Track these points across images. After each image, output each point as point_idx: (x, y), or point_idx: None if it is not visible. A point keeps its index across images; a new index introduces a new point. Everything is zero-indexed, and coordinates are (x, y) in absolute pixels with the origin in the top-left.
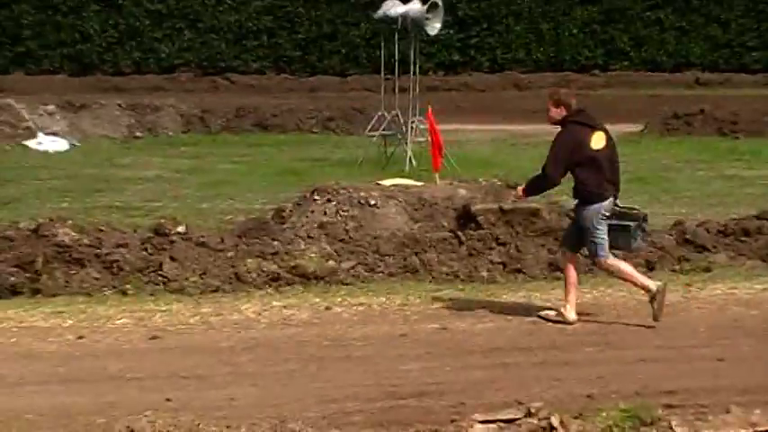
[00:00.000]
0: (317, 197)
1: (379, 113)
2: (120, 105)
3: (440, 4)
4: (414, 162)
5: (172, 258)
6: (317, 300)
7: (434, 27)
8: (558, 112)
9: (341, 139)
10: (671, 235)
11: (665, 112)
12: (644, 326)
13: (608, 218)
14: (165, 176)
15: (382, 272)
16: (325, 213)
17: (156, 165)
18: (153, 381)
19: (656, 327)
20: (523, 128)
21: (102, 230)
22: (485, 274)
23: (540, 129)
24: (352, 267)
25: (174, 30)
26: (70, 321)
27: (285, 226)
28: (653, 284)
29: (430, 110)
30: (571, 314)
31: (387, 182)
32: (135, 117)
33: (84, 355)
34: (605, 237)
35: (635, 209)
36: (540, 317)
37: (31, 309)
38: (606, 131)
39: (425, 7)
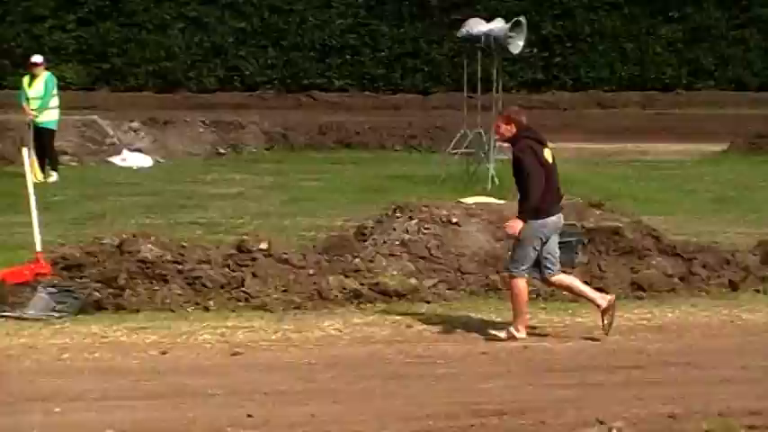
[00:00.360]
0: (399, 215)
1: (462, 131)
2: (203, 122)
3: (523, 22)
4: (496, 180)
5: (254, 275)
6: (399, 317)
7: (517, 45)
8: (509, 129)
9: (423, 157)
10: (755, 254)
11: (750, 131)
12: (726, 346)
13: (547, 236)
14: (247, 193)
15: (464, 290)
16: (407, 231)
17: (239, 181)
18: (234, 397)
19: (739, 346)
20: (606, 146)
21: (184, 247)
22: (566, 293)
23: (622, 147)
24: (434, 285)
25: (258, 47)
26: (153, 337)
27: (367, 243)
28: (603, 300)
29: None
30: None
31: (469, 200)
32: (218, 134)
33: (167, 371)
34: (531, 256)
35: (573, 224)
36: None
37: (115, 324)
38: (550, 148)
39: (509, 26)
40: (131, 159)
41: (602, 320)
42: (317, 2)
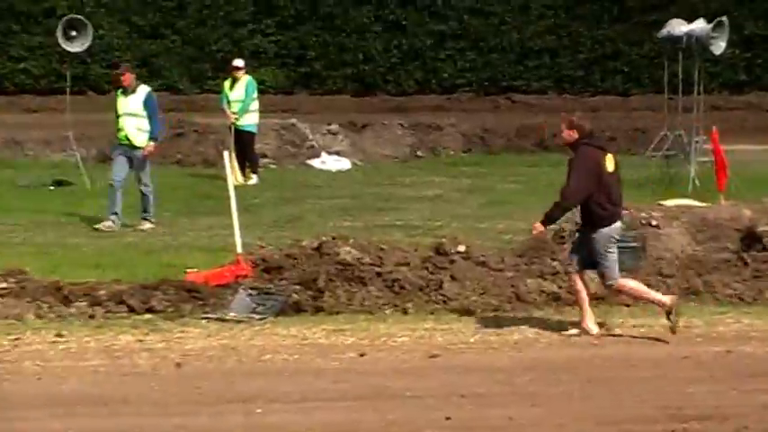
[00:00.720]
0: None
1: (662, 133)
2: (401, 125)
3: (725, 22)
4: (697, 182)
5: (452, 277)
6: (598, 320)
7: (720, 46)
8: (571, 134)
9: (622, 160)
10: None
11: None
12: None
13: (616, 241)
14: (445, 196)
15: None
16: None
17: (437, 184)
18: (433, 399)
19: None
20: None
21: (383, 249)
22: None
23: None
24: None
25: (456, 50)
26: (351, 339)
27: (565, 246)
28: (667, 299)
29: (715, 130)
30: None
31: (669, 202)
32: (417, 137)
33: (365, 373)
34: (616, 260)
35: (635, 230)
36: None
37: (314, 326)
38: (614, 155)
39: (711, 26)
40: (330, 162)
41: (668, 319)
42: (516, 4)
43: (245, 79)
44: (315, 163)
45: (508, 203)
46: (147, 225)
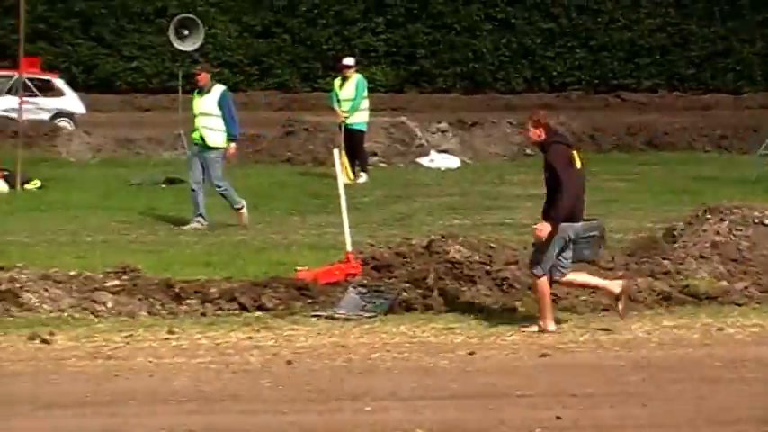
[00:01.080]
0: (709, 216)
1: None
2: (510, 123)
3: None
4: None
5: None
6: (709, 320)
7: None
8: (538, 134)
9: (734, 158)
10: None
11: None
12: None
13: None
14: None
15: None
16: (718, 233)
17: None
18: (543, 398)
19: None
20: None
21: (492, 247)
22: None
23: None
24: (746, 288)
25: (566, 48)
26: (461, 337)
27: (676, 245)
28: (616, 286)
29: None
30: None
31: None
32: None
33: (475, 371)
34: (553, 257)
35: (595, 219)
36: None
37: (423, 324)
38: (579, 152)
39: None
40: (439, 160)
41: (617, 306)
42: (626, 1)
43: (354, 77)
44: (424, 161)
45: (618, 202)
46: (243, 212)
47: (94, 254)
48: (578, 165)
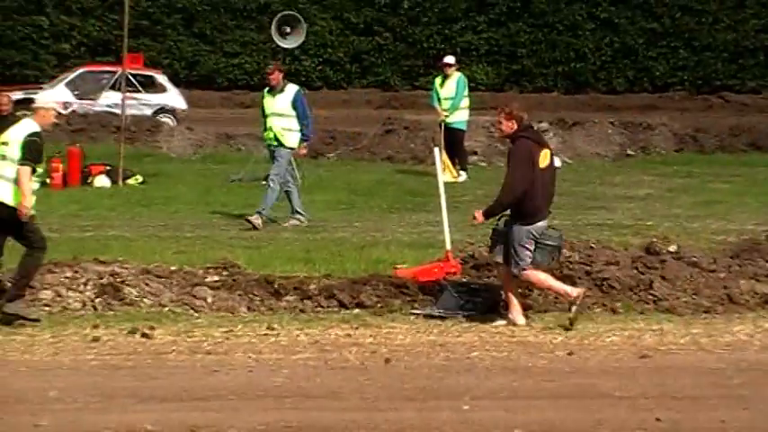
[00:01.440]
0: None
1: None
2: (612, 123)
3: None
4: None
5: (663, 278)
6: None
7: None
8: (510, 126)
9: None
10: None
11: None
12: None
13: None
14: (655, 195)
15: None
16: None
17: (648, 183)
18: (643, 400)
19: None
20: None
21: (592, 248)
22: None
23: None
24: None
25: (668, 48)
26: (560, 338)
27: None
28: (573, 291)
29: None
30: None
31: None
32: (627, 135)
33: (574, 372)
34: (530, 254)
35: (557, 230)
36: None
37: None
38: (551, 150)
39: None
40: None
41: (570, 309)
42: (731, 2)
43: (455, 76)
44: None
45: (721, 203)
46: (259, 221)
47: (195, 249)
48: (545, 164)
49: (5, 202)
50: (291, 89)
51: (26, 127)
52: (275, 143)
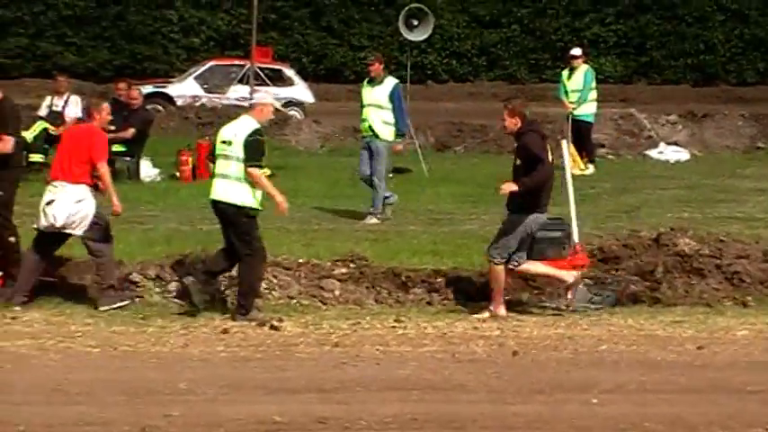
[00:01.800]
0: None
1: None
2: (742, 115)
3: None
4: None
5: None
6: None
7: None
8: (514, 123)
9: None
10: None
11: None
12: None
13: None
14: None
15: None
16: None
17: None
18: None
19: None
20: None
21: (722, 241)
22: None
23: None
24: None
25: None
26: (690, 332)
27: None
28: (569, 277)
29: None
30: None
31: None
32: (758, 128)
33: (704, 366)
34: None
35: (560, 218)
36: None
37: (651, 317)
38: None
39: None
40: (668, 153)
41: (566, 295)
42: None
43: (582, 68)
44: (653, 153)
45: None
46: (372, 220)
47: (322, 242)
48: (551, 156)
49: (230, 201)
50: (390, 82)
51: (246, 125)
52: (370, 134)
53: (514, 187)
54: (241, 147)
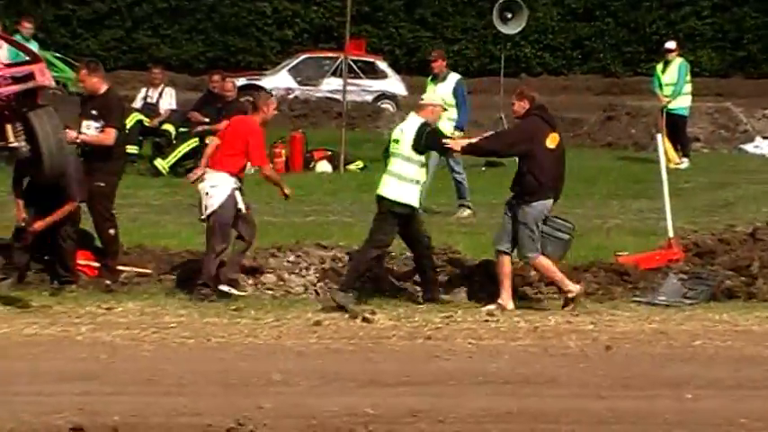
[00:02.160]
0: None
1: None
2: None
3: None
4: None
5: None
6: None
7: None
8: (522, 106)
9: None
10: None
11: None
12: None
13: (545, 221)
14: None
15: None
16: None
17: None
18: None
19: None
20: None
21: None
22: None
23: None
24: None
25: None
26: None
27: None
28: (573, 287)
29: None
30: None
31: None
32: None
33: None
34: (539, 237)
35: (569, 222)
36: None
37: (746, 313)
38: (560, 134)
39: None
40: (764, 147)
41: (561, 301)
42: None
43: (677, 62)
44: (749, 147)
45: None
46: (466, 212)
47: None
48: (552, 145)
49: (405, 202)
50: (453, 78)
51: (414, 123)
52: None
53: (458, 146)
54: (409, 144)
